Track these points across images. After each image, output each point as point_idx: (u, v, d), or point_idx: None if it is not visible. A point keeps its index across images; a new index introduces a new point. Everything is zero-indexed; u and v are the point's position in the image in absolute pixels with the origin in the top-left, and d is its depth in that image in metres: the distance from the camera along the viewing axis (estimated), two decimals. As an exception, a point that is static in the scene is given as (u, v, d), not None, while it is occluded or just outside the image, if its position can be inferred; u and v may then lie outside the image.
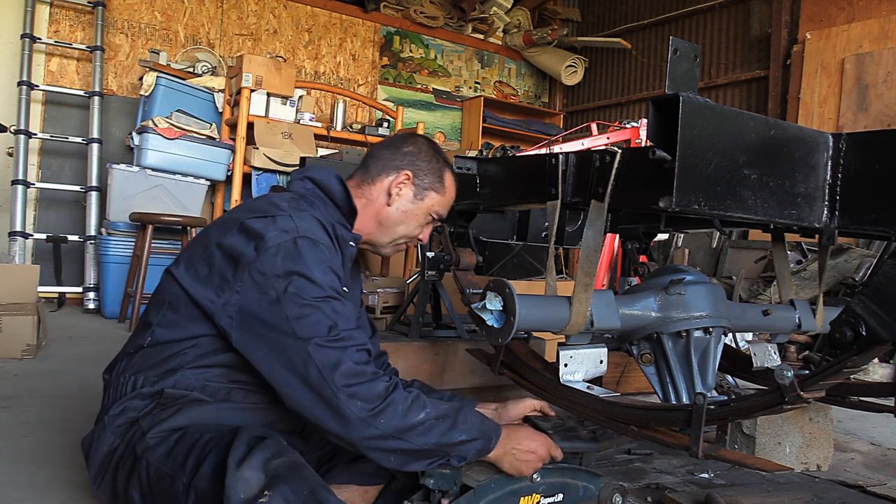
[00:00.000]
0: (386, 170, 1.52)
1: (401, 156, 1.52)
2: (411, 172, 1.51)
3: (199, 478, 1.15)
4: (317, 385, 1.16)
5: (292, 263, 1.22)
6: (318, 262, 1.25)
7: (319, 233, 1.31)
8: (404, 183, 1.51)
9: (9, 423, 2.02)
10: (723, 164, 1.20)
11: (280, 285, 1.20)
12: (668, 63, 1.21)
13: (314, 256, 1.25)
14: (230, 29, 5.76)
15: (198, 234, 1.40)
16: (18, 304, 2.94)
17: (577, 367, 1.64)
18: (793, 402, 1.28)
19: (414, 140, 1.56)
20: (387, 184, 1.51)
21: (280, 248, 1.23)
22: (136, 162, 4.42)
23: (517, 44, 7.38)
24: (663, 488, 1.67)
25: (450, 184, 1.57)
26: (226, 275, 1.24)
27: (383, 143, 1.59)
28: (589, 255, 1.44)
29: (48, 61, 5.00)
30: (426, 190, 1.53)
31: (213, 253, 1.28)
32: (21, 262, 4.42)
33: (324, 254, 1.27)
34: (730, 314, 1.69)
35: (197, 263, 1.30)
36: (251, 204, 1.38)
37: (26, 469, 1.64)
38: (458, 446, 1.25)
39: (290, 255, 1.23)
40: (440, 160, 1.56)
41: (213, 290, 1.25)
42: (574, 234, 2.19)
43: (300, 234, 1.25)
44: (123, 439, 1.26)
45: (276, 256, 1.22)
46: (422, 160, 1.53)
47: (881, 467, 2.05)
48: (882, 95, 4.80)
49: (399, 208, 1.52)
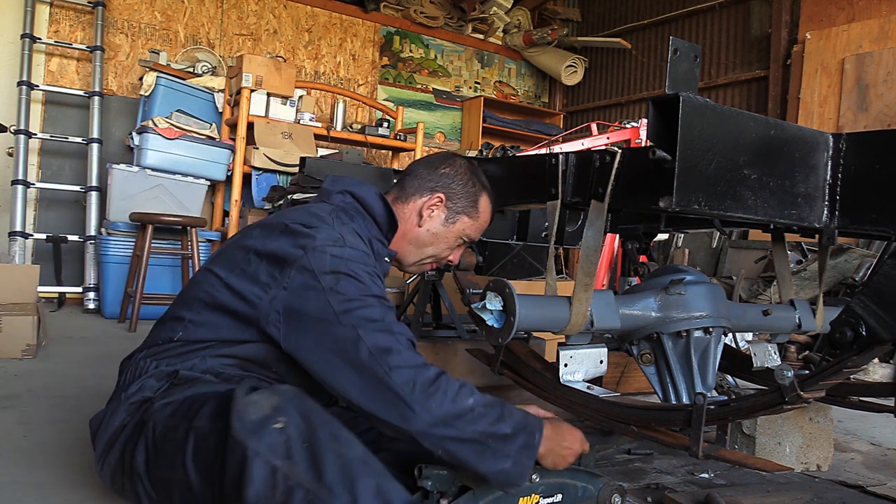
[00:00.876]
0: (420, 190, 1.52)
1: (437, 177, 1.52)
2: (444, 195, 1.51)
3: (198, 419, 1.15)
4: (368, 366, 1.16)
5: (340, 264, 1.24)
6: (364, 267, 1.27)
7: (362, 245, 1.34)
8: (436, 206, 1.52)
9: (9, 423, 2.02)
10: (723, 164, 1.20)
11: (328, 281, 1.22)
12: (668, 63, 1.21)
13: (360, 262, 1.28)
14: (230, 29, 5.76)
15: (235, 238, 1.40)
16: (18, 304, 2.94)
17: (577, 367, 1.64)
18: (793, 402, 1.28)
19: (452, 161, 1.55)
20: (419, 204, 1.52)
21: (327, 249, 1.25)
22: (136, 162, 4.42)
23: (517, 44, 7.38)
24: (663, 488, 1.67)
25: (484, 208, 1.57)
26: (273, 272, 1.26)
27: (422, 160, 1.59)
28: (589, 255, 1.44)
29: (48, 61, 5.00)
30: (458, 214, 1.53)
31: (255, 257, 1.29)
32: (21, 262, 4.42)
33: (369, 263, 1.30)
34: (730, 314, 1.70)
35: (241, 264, 1.31)
36: (291, 213, 1.38)
37: (26, 469, 1.64)
38: (504, 440, 1.21)
39: (337, 256, 1.25)
40: (477, 183, 1.55)
41: (259, 287, 1.26)
42: (574, 234, 2.18)
43: (346, 243, 1.29)
44: (133, 416, 1.26)
45: (325, 255, 1.24)
46: (457, 183, 1.52)
47: (881, 467, 2.05)
48: (882, 95, 4.80)
49: (429, 230, 1.53)
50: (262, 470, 1.01)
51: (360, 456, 1.08)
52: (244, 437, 1.03)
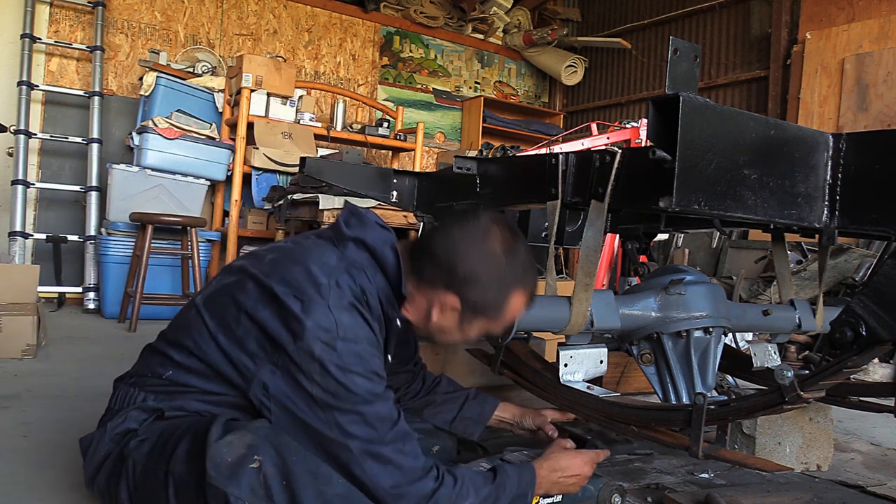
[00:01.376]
0: (434, 281, 1.29)
1: (457, 274, 1.27)
2: (460, 302, 1.28)
3: (174, 462, 1.14)
4: (362, 485, 1.13)
5: (332, 367, 1.14)
6: (357, 367, 1.16)
7: (360, 329, 1.20)
8: (449, 310, 1.30)
9: (9, 423, 2.02)
10: (723, 164, 1.20)
11: (317, 391, 1.14)
12: (668, 63, 1.21)
13: (354, 362, 1.16)
14: (230, 29, 5.76)
15: (226, 280, 1.30)
16: (18, 304, 2.94)
17: (577, 367, 1.64)
18: (793, 402, 1.28)
19: (482, 254, 1.27)
20: (430, 298, 1.31)
21: (317, 343, 1.15)
22: (136, 162, 4.42)
23: (517, 44, 7.38)
24: (663, 488, 1.67)
25: (514, 307, 1.33)
26: (263, 344, 1.19)
27: (445, 230, 1.32)
28: (589, 255, 1.44)
29: (48, 61, 5.00)
30: (475, 318, 1.32)
31: (246, 320, 1.21)
32: (21, 262, 4.42)
33: (364, 356, 1.18)
34: (730, 314, 1.70)
35: (231, 322, 1.23)
36: (287, 267, 1.24)
37: (26, 469, 1.64)
38: None
39: (328, 349, 1.15)
40: (507, 284, 1.29)
41: (248, 357, 1.20)
42: (574, 234, 2.18)
43: (339, 335, 1.16)
44: (115, 447, 1.26)
45: (314, 347, 1.15)
46: (478, 288, 1.27)
47: (881, 467, 2.05)
48: (882, 95, 4.80)
49: (440, 327, 1.35)
50: None
51: (341, 492, 1.09)
52: (223, 484, 1.04)
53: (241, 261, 1.34)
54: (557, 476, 1.40)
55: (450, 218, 1.36)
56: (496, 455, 1.57)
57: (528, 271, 1.33)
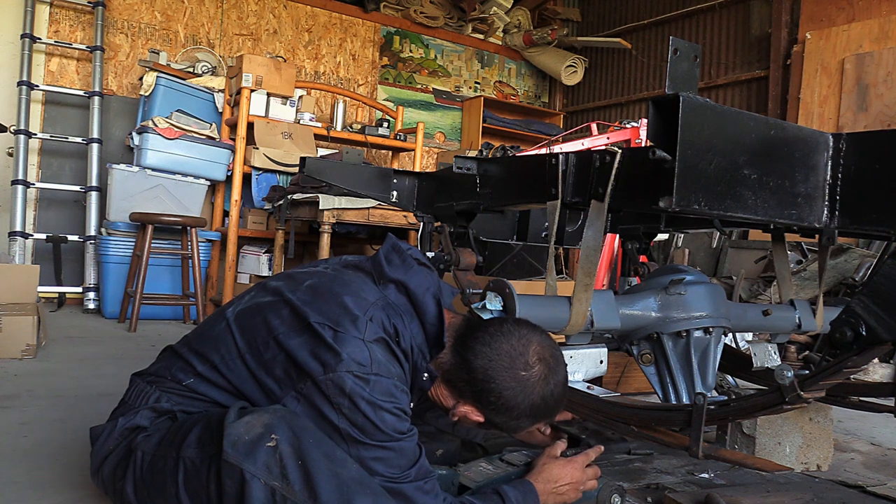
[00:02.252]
0: (463, 392, 1.28)
1: (483, 396, 1.25)
2: (483, 418, 1.29)
3: (185, 448, 1.14)
4: None
5: (362, 403, 1.13)
6: (387, 404, 1.16)
7: (392, 366, 1.20)
8: (470, 417, 1.31)
9: (9, 423, 2.02)
10: (723, 164, 1.20)
11: (345, 424, 1.14)
12: (668, 63, 1.21)
13: (385, 399, 1.15)
14: (230, 29, 5.76)
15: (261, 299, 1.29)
16: (18, 304, 2.94)
17: (577, 367, 1.64)
18: (793, 402, 1.28)
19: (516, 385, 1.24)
20: (453, 400, 1.31)
21: (349, 376, 1.14)
22: (136, 162, 4.42)
23: (517, 44, 7.38)
24: (663, 488, 1.67)
25: (533, 419, 1.31)
26: (290, 372, 1.19)
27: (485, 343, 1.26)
28: (589, 255, 1.44)
29: (48, 61, 5.00)
30: (493, 428, 1.33)
31: (275, 345, 1.21)
32: (21, 262, 4.42)
33: (395, 394, 1.18)
34: (730, 314, 1.70)
35: (260, 345, 1.22)
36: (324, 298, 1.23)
37: (26, 469, 1.64)
38: None
39: (360, 383, 1.14)
40: (540, 416, 1.30)
41: (274, 381, 1.20)
42: (574, 234, 2.18)
43: (373, 370, 1.15)
44: (123, 441, 1.26)
45: (346, 381, 1.14)
46: (503, 417, 1.27)
47: (881, 467, 2.05)
48: (882, 95, 4.80)
49: (458, 421, 1.35)
50: (261, 492, 1.03)
51: (356, 476, 1.08)
52: (239, 461, 1.04)
53: (278, 282, 1.32)
54: (553, 487, 1.41)
55: (498, 329, 1.28)
56: (496, 455, 1.57)
57: (557, 406, 1.32)
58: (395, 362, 1.21)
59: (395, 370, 1.20)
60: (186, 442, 1.15)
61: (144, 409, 1.28)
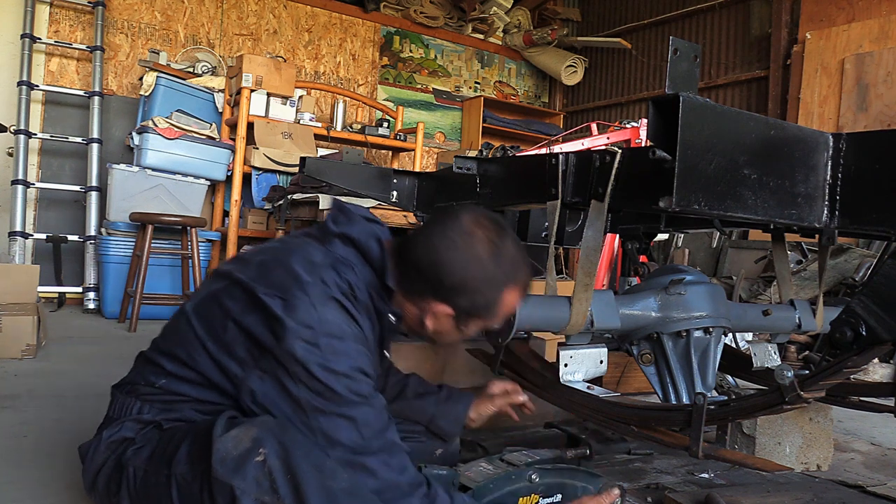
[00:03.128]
0: (421, 293, 1.27)
1: (440, 286, 1.24)
2: (452, 310, 1.26)
3: (176, 464, 1.13)
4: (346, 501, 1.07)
5: (315, 367, 1.12)
6: (341, 366, 1.13)
7: (346, 325, 1.17)
8: (442, 318, 1.28)
9: (8, 423, 2.02)
10: (723, 164, 1.20)
11: (303, 393, 1.12)
12: (668, 63, 1.21)
13: (338, 360, 1.13)
14: (230, 29, 5.76)
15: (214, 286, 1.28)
16: (18, 304, 2.94)
17: (577, 367, 1.64)
18: (793, 402, 1.28)
19: (467, 260, 1.22)
20: (421, 308, 1.28)
21: (299, 346, 1.12)
22: (136, 162, 4.42)
23: (517, 44, 7.38)
24: (663, 488, 1.67)
25: (509, 302, 1.30)
26: (251, 350, 1.18)
27: (424, 237, 1.26)
28: (589, 255, 1.44)
29: (48, 61, 5.00)
30: (471, 320, 1.29)
31: (232, 326, 1.20)
32: (21, 262, 4.42)
33: (350, 353, 1.16)
34: (730, 314, 1.70)
35: (218, 329, 1.22)
36: (271, 269, 1.22)
37: (25, 469, 1.64)
38: None
39: (311, 359, 1.12)
40: (500, 281, 1.25)
41: (237, 363, 1.19)
42: (574, 234, 2.18)
43: (324, 332, 1.14)
44: (112, 454, 1.25)
45: (296, 353, 1.12)
46: (467, 295, 1.24)
47: (881, 467, 2.05)
48: (882, 95, 4.80)
49: (438, 331, 1.31)
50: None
51: (346, 487, 1.07)
52: (228, 477, 1.04)
53: (229, 265, 1.32)
54: None
55: (429, 221, 1.32)
56: (496, 455, 1.57)
57: (518, 266, 1.28)
58: (350, 321, 1.18)
59: (351, 329, 1.18)
60: (177, 458, 1.13)
61: (129, 422, 1.26)
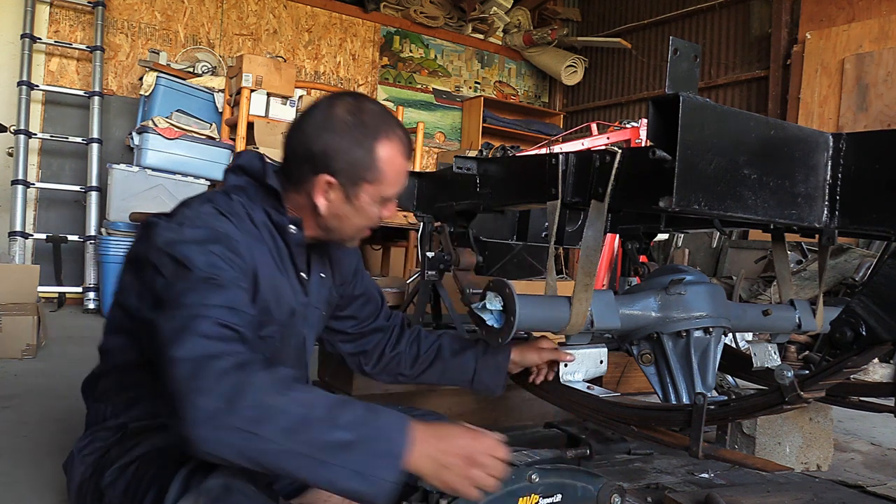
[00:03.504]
0: (302, 175, 1.25)
1: (313, 152, 1.22)
2: (330, 175, 1.22)
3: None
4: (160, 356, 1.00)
5: (176, 248, 1.09)
6: (201, 246, 1.10)
7: (218, 221, 1.17)
8: (329, 192, 1.24)
9: (9, 422, 2.02)
10: (723, 164, 1.20)
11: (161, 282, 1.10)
12: (668, 63, 1.21)
13: (203, 239, 1.12)
14: (230, 29, 5.76)
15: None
16: (18, 304, 2.94)
17: (577, 367, 1.64)
18: (793, 402, 1.28)
19: (328, 120, 1.22)
20: (307, 192, 1.25)
21: (162, 234, 1.13)
22: (136, 162, 4.42)
23: (517, 44, 7.38)
24: (663, 488, 1.67)
25: (389, 157, 1.23)
26: (143, 279, 1.17)
27: (294, 123, 1.28)
28: (589, 255, 1.44)
29: (48, 61, 5.00)
30: (357, 185, 1.24)
31: (128, 268, 1.23)
32: (21, 262, 4.42)
33: (219, 239, 1.13)
34: (730, 314, 1.69)
35: (122, 281, 1.26)
36: None
37: (26, 469, 1.64)
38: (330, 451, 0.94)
39: (172, 240, 1.11)
40: (366, 135, 1.22)
41: (137, 298, 1.19)
42: (574, 234, 2.18)
43: (188, 220, 1.15)
44: (95, 469, 1.24)
45: (160, 240, 1.12)
46: (341, 152, 1.21)
47: (881, 467, 2.05)
48: (882, 95, 4.80)
49: (335, 213, 1.27)
50: None
51: None
52: None
53: None
54: (437, 446, 1.01)
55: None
56: None
57: (384, 119, 1.25)
58: (226, 221, 1.18)
59: (225, 227, 1.16)
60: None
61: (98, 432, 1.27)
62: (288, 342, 1.33)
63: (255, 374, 0.95)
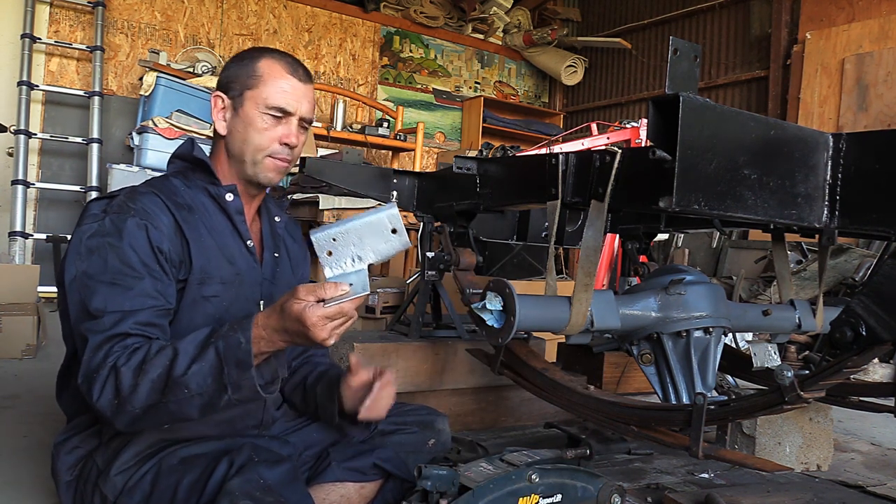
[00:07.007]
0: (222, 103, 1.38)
1: (217, 88, 1.38)
2: (221, 90, 1.36)
3: None
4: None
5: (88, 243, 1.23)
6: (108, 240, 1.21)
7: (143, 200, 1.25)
8: (219, 106, 1.36)
9: (9, 422, 2.02)
10: (723, 164, 1.20)
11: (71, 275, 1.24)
12: (668, 63, 1.21)
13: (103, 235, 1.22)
14: (230, 29, 5.76)
15: None
16: (18, 304, 2.94)
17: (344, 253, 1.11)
18: (793, 402, 1.28)
19: (227, 63, 1.40)
20: (224, 119, 1.36)
21: (86, 230, 1.25)
22: (136, 162, 4.42)
23: (517, 44, 7.38)
24: (663, 488, 1.67)
25: (266, 68, 1.33)
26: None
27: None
28: (589, 255, 1.44)
29: (48, 61, 5.00)
30: (240, 96, 1.33)
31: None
32: (21, 262, 4.42)
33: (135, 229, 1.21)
34: (730, 314, 1.70)
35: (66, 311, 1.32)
36: None
37: (26, 469, 1.64)
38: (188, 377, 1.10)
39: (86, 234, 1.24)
40: (251, 54, 1.37)
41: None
42: (574, 234, 2.19)
43: (111, 211, 1.24)
44: (82, 476, 1.26)
45: (83, 236, 1.24)
46: (230, 70, 1.36)
47: (881, 467, 2.05)
48: (882, 95, 4.80)
49: (230, 131, 1.35)
50: None
51: None
52: None
53: None
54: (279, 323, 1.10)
55: None
56: (496, 455, 1.57)
57: (273, 50, 1.39)
58: (147, 195, 1.26)
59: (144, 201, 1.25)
60: None
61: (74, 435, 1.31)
62: (238, 304, 1.33)
63: (122, 372, 1.11)
